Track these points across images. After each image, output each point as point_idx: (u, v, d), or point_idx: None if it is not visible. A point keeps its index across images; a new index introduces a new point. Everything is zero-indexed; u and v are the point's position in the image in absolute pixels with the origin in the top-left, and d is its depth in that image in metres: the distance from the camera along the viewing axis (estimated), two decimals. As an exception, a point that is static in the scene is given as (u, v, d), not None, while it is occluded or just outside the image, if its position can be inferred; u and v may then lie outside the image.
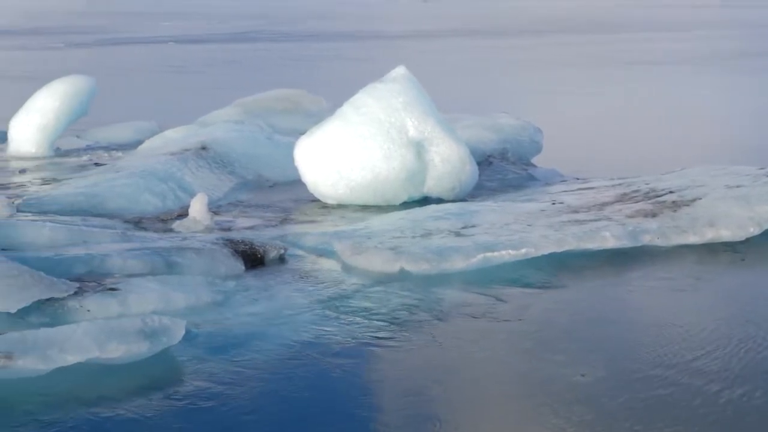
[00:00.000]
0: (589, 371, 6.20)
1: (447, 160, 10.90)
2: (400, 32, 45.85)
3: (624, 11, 60.32)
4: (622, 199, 9.99)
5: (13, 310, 6.57)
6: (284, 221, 10.02)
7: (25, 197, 10.66)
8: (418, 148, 10.80)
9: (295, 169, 11.13)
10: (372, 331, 6.92)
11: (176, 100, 22.77)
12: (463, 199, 10.87)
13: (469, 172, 11.10)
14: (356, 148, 10.73)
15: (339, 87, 18.08)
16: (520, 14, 58.65)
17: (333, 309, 7.37)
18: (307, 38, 42.69)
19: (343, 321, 7.13)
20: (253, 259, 8.47)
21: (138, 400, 5.82)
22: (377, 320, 7.16)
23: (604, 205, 9.81)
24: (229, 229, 9.53)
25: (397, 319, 7.19)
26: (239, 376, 6.14)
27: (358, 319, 7.18)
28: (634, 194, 10.09)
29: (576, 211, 9.57)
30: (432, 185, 10.96)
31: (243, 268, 8.30)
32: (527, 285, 8.02)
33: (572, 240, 8.62)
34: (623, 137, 16.87)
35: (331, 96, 16.80)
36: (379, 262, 8.33)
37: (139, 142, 14.33)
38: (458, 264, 8.27)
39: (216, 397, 5.86)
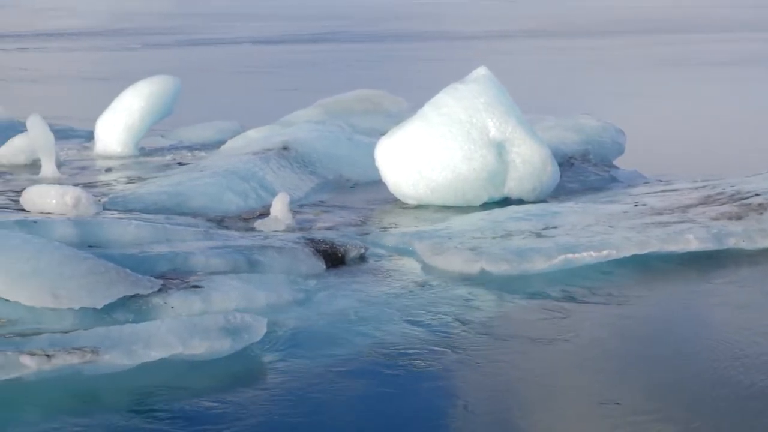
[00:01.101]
0: (671, 378, 6.14)
1: (528, 161, 10.85)
2: (481, 32, 45.67)
3: (703, 11, 59.48)
4: (706, 201, 9.85)
5: (99, 306, 6.68)
6: (365, 221, 10.06)
7: (110, 195, 10.83)
8: (499, 149, 10.76)
9: (376, 170, 11.16)
10: (452, 332, 6.92)
11: (258, 100, 22.95)
12: (543, 201, 10.81)
13: (550, 173, 11.03)
14: (437, 149, 10.73)
15: (419, 87, 18.09)
16: (598, 14, 58.06)
17: (413, 309, 7.37)
18: (387, 39, 42.72)
19: (422, 321, 7.12)
20: (333, 258, 8.51)
21: (220, 397, 5.89)
22: (457, 320, 7.15)
23: (687, 207, 9.68)
24: (310, 229, 9.58)
25: (477, 319, 7.18)
26: (319, 375, 6.17)
27: (437, 319, 7.17)
28: (719, 196, 9.94)
29: (659, 213, 9.46)
30: (513, 186, 10.91)
31: (324, 267, 8.35)
32: (609, 287, 7.95)
33: (655, 242, 8.53)
34: (705, 139, 16.63)
35: (411, 96, 16.82)
36: (459, 263, 8.33)
37: (222, 142, 14.47)
38: (539, 265, 8.23)
39: (296, 395, 5.89)
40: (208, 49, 37.75)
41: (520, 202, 10.66)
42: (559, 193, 11.25)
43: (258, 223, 9.70)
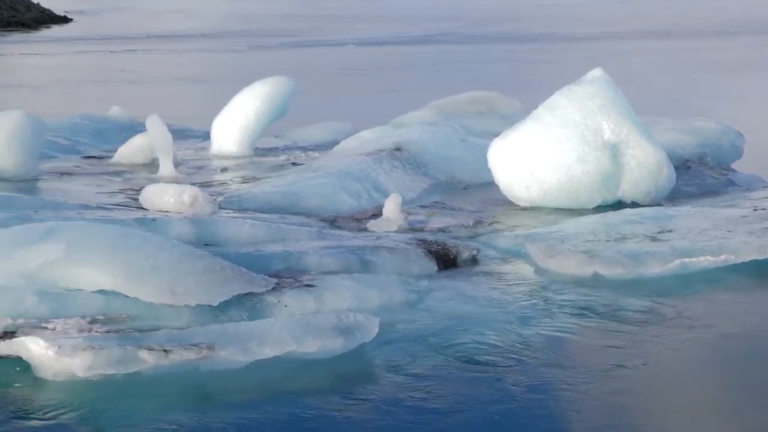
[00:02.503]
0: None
1: (643, 164, 10.69)
2: (595, 33, 45.17)
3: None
4: (829, 206, 9.59)
5: (215, 304, 6.77)
6: (477, 222, 10.02)
7: (226, 195, 11.00)
8: (614, 151, 10.62)
9: (488, 171, 11.12)
10: (565, 335, 6.86)
11: (369, 101, 23.08)
12: (658, 204, 10.64)
13: (666, 176, 10.85)
14: (550, 150, 10.64)
15: (533, 89, 17.98)
16: (716, 14, 56.94)
17: (525, 312, 7.32)
18: (500, 40, 42.55)
19: (535, 324, 7.07)
20: (445, 259, 8.51)
21: (332, 395, 5.92)
22: (570, 323, 7.08)
23: (809, 212, 9.43)
24: (422, 230, 9.59)
25: (591, 322, 7.10)
26: (430, 376, 6.17)
27: (550, 323, 7.11)
28: (843, 201, 9.67)
29: (779, 218, 9.24)
30: (627, 189, 10.76)
31: (436, 268, 8.35)
32: (727, 292, 7.79)
33: (776, 247, 8.33)
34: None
35: (525, 98, 16.70)
36: (572, 265, 8.26)
37: (335, 143, 14.59)
38: (654, 269, 8.11)
39: (408, 396, 5.90)
40: (314, 51, 38.10)
41: (634, 205, 10.51)
42: (674, 196, 11.06)
43: (370, 224, 9.75)
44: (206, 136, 15.15)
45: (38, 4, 60.26)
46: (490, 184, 11.20)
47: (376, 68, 31.20)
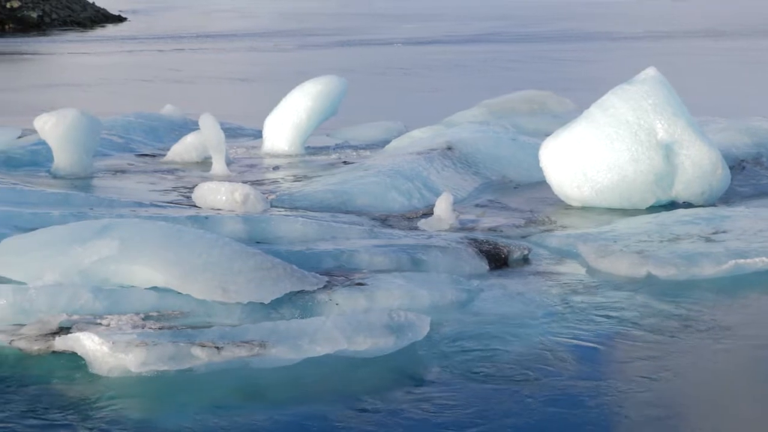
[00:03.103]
0: None
1: (697, 164, 10.59)
2: (648, 33, 44.85)
3: None
4: None
5: (267, 301, 6.81)
6: (528, 222, 9.99)
7: (278, 193, 11.05)
8: (667, 151, 10.53)
9: (539, 171, 11.08)
10: (618, 337, 6.80)
11: (420, 100, 23.08)
12: (712, 204, 10.54)
13: (720, 176, 10.74)
14: (603, 150, 10.58)
15: (585, 88, 17.90)
16: (763, 13, 56.28)
17: (577, 312, 7.28)
18: (551, 39, 42.38)
19: (587, 325, 7.02)
20: (497, 258, 8.49)
21: (383, 394, 5.92)
22: (622, 325, 7.03)
23: None
24: (473, 229, 9.58)
25: (644, 325, 7.04)
26: (482, 378, 6.15)
27: (602, 324, 7.07)
28: None
29: (836, 220, 9.11)
30: (680, 189, 10.67)
31: (487, 267, 8.33)
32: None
33: (832, 249, 8.22)
34: None
35: (577, 97, 16.65)
36: (624, 266, 8.20)
37: (386, 142, 14.61)
38: (708, 270, 8.04)
39: (458, 396, 5.89)
40: (361, 50, 38.16)
41: (687, 205, 10.42)
42: (729, 197, 10.96)
43: (421, 223, 9.75)
44: (258, 134, 15.23)
45: (93, 3, 60.93)
46: (542, 184, 11.17)
47: (422, 67, 31.19)
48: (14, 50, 39.32)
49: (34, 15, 53.57)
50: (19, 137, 14.02)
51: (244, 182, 10.87)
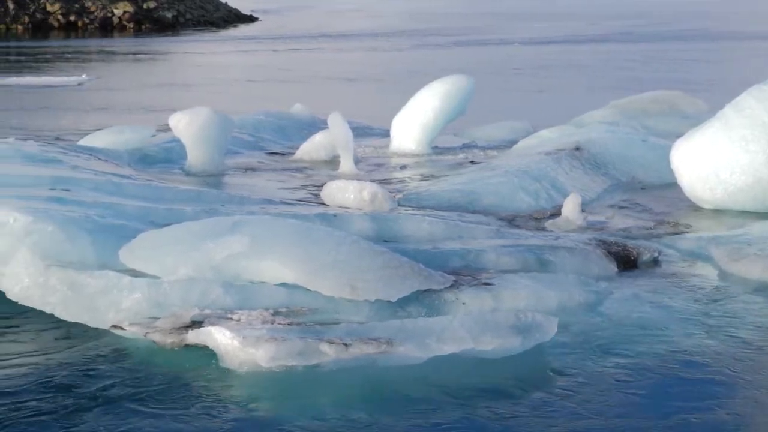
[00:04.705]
0: None
1: (838, 167, 10.27)
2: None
3: None
4: None
5: (394, 299, 6.84)
6: (658, 224, 9.83)
7: (405, 192, 11.09)
8: (805, 154, 10.24)
9: (670, 172, 10.90)
10: (748, 345, 6.64)
11: (548, 100, 22.90)
12: None
13: None
14: (737, 152, 10.34)
15: (718, 89, 17.53)
16: None
17: (707, 318, 7.13)
18: (684, 38, 41.60)
19: (718, 331, 6.87)
20: (626, 261, 8.38)
21: (509, 396, 5.89)
22: (754, 332, 6.86)
23: None
24: (601, 230, 9.47)
25: (778, 330, 6.88)
26: (610, 381, 6.07)
27: (734, 330, 6.90)
28: None
29: None
30: (818, 193, 10.36)
31: (616, 269, 8.23)
32: None
33: None
34: None
35: (709, 98, 16.30)
36: (758, 270, 8.01)
37: (513, 142, 14.54)
38: None
39: (584, 400, 5.83)
40: (479, 50, 38.01)
41: (828, 210, 10.12)
42: None
43: (549, 223, 9.69)
44: (385, 133, 15.31)
45: (226, 3, 62.18)
46: (672, 186, 10.98)
47: (536, 67, 30.92)
48: (149, 50, 40.33)
49: (169, 15, 54.90)
50: (154, 135, 14.38)
51: (372, 181, 10.94)
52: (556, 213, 9.99)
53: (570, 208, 9.69)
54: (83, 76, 27.97)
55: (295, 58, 36.30)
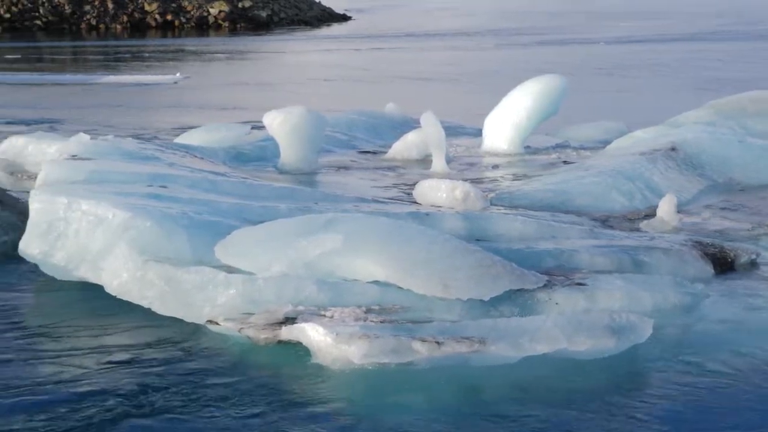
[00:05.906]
0: None
1: None
2: None
3: None
4: None
5: (486, 298, 6.82)
6: (756, 226, 9.64)
7: (497, 191, 11.04)
8: None
9: (769, 173, 10.71)
10: None
11: (638, 100, 22.62)
12: None
13: None
14: (838, 153, 10.12)
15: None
16: None
17: (807, 321, 7.00)
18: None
19: (818, 334, 6.75)
20: (722, 263, 8.24)
21: (604, 397, 5.85)
22: None
23: None
24: (697, 231, 9.32)
25: None
26: (706, 384, 5.99)
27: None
28: None
29: None
30: None
31: (712, 271, 8.09)
32: None
33: None
34: None
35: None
36: None
37: (607, 142, 14.38)
38: None
39: (682, 404, 5.75)
40: (564, 49, 37.61)
41: None
42: None
43: (643, 224, 9.57)
44: (477, 133, 15.26)
45: (320, 2, 62.57)
46: (771, 187, 10.79)
47: (617, 67, 30.50)
48: (243, 49, 40.77)
49: (264, 14, 55.44)
50: (248, 133, 14.52)
51: (464, 180, 10.91)
52: (650, 214, 9.86)
53: (665, 209, 9.56)
54: (177, 74, 28.40)
55: (385, 57, 36.36)
